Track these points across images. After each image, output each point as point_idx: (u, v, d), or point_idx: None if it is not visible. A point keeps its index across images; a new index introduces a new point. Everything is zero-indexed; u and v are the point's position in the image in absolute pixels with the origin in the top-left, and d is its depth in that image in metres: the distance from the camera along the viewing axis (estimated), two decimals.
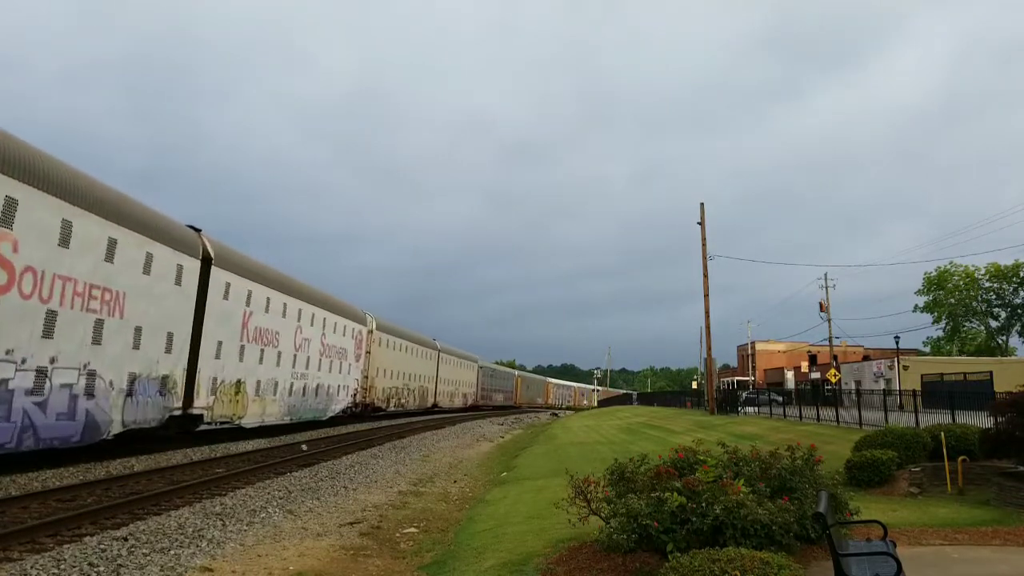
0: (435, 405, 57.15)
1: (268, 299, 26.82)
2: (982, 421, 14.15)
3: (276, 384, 27.56)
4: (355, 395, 38.63)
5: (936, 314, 75.67)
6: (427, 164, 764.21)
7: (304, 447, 22.30)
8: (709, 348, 38.89)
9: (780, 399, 32.20)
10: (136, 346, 18.11)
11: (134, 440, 18.92)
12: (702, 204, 37.93)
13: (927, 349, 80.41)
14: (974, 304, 74.04)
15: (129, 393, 17.68)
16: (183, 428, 21.27)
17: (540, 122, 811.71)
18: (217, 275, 22.73)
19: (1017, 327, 72.87)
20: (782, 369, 77.89)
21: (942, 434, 13.00)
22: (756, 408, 34.50)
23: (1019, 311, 72.37)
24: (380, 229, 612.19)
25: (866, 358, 66.56)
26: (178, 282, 20.31)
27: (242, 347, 24.73)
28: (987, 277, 72.22)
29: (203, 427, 22.29)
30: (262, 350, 26.18)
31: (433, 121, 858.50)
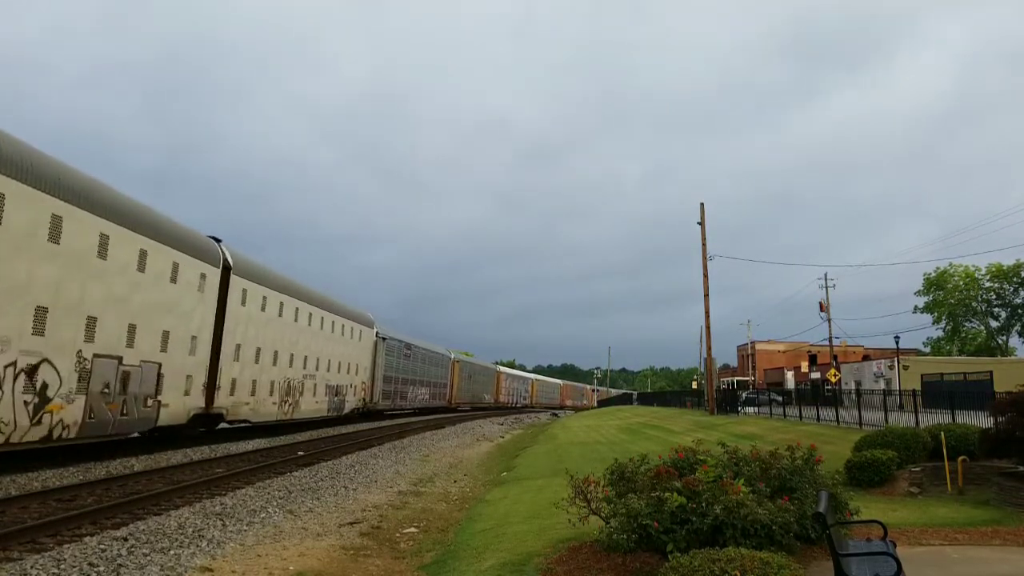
0: (211, 412, 22.36)
1: None
2: (982, 421, 14.15)
3: None
4: None
5: (936, 314, 75.75)
6: (438, 165, 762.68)
7: (300, 452, 22.29)
8: (709, 348, 38.89)
9: (780, 399, 32.22)
10: None
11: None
12: (702, 204, 38.00)
13: (927, 349, 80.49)
14: (974, 304, 74.09)
15: None
16: None
17: (553, 124, 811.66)
18: None
19: (1017, 327, 72.96)
20: (782, 369, 77.90)
21: (942, 434, 13.00)
22: (756, 408, 34.51)
23: (1019, 311, 72.43)
24: (388, 230, 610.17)
25: (866, 358, 66.58)
26: None
27: None
28: (987, 277, 72.32)
29: None
30: None
31: (446, 123, 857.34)
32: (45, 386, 14.77)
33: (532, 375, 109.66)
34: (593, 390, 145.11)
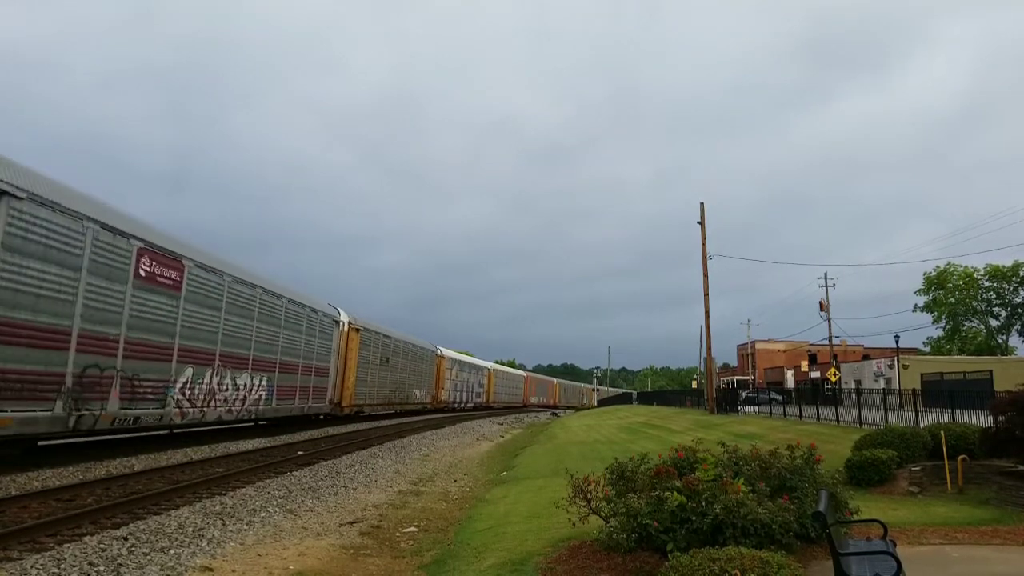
0: None
1: None
2: (982, 420, 14.17)
3: None
4: None
5: (936, 313, 75.78)
6: (448, 166, 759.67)
7: (300, 452, 22.31)
8: (709, 347, 38.90)
9: (780, 398, 32.25)
10: None
11: None
12: (702, 204, 38.02)
13: (927, 348, 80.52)
14: (974, 304, 74.11)
15: None
16: None
17: (563, 125, 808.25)
18: None
19: (1017, 326, 73.01)
20: (782, 368, 77.96)
21: (942, 433, 13.01)
22: (756, 407, 34.53)
23: (1019, 310, 72.47)
24: (396, 231, 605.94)
25: (866, 357, 66.59)
26: None
27: None
28: (986, 277, 72.39)
29: None
30: None
31: (456, 124, 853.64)
32: None
33: (489, 364, 77.84)
34: (594, 390, 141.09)
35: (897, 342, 50.06)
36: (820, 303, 60.19)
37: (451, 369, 57.28)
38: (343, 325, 33.61)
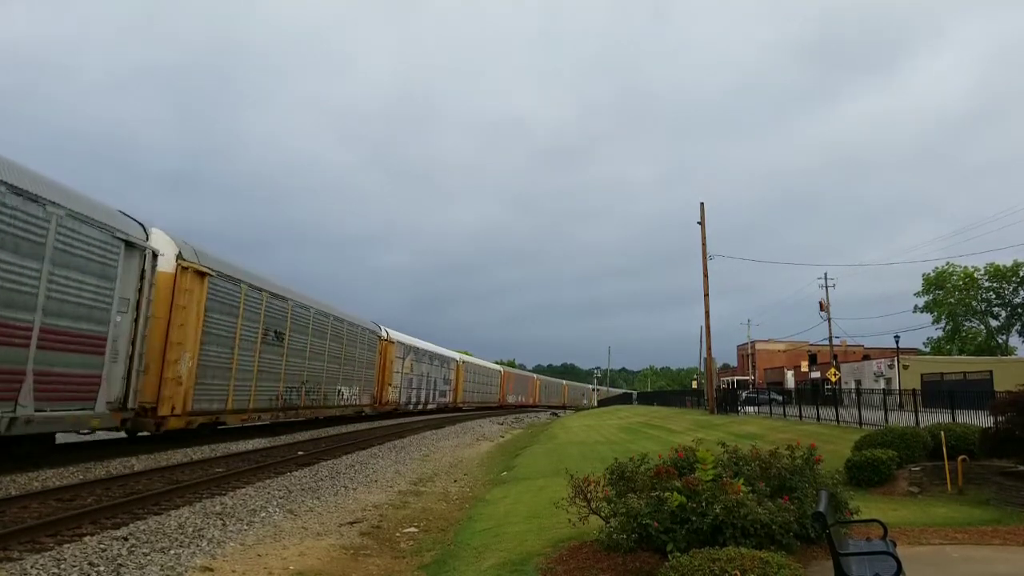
0: None
1: None
2: (982, 420, 14.18)
3: None
4: None
5: (936, 314, 75.81)
6: (451, 167, 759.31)
7: (300, 452, 22.32)
8: (709, 348, 38.91)
9: (780, 398, 32.25)
10: None
11: None
12: (702, 204, 38.05)
13: (927, 349, 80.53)
14: (974, 304, 74.13)
15: None
16: None
17: (567, 126, 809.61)
18: None
19: (1017, 326, 73.05)
20: (782, 368, 77.93)
21: (942, 433, 13.01)
22: (756, 407, 34.54)
23: (1019, 311, 72.50)
24: (398, 231, 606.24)
25: (866, 357, 66.59)
26: None
27: None
28: (987, 277, 72.43)
29: None
30: None
31: (461, 125, 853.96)
32: None
33: (457, 355, 62.75)
34: (594, 389, 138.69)
35: (897, 342, 50.11)
36: (820, 303, 60.22)
37: (403, 359, 43.03)
38: (150, 255, 17.36)
